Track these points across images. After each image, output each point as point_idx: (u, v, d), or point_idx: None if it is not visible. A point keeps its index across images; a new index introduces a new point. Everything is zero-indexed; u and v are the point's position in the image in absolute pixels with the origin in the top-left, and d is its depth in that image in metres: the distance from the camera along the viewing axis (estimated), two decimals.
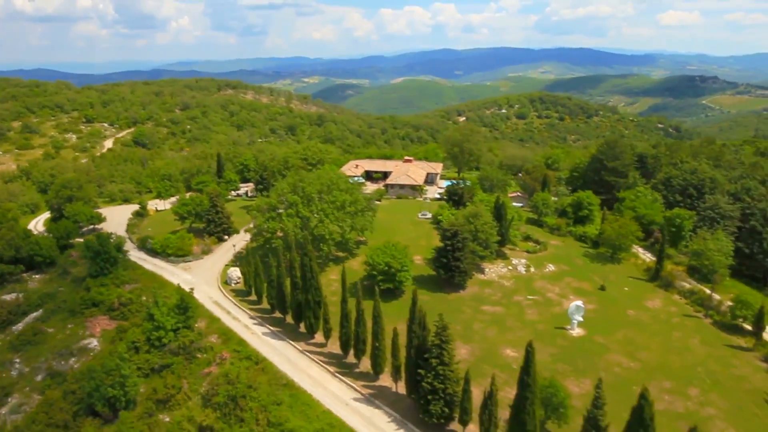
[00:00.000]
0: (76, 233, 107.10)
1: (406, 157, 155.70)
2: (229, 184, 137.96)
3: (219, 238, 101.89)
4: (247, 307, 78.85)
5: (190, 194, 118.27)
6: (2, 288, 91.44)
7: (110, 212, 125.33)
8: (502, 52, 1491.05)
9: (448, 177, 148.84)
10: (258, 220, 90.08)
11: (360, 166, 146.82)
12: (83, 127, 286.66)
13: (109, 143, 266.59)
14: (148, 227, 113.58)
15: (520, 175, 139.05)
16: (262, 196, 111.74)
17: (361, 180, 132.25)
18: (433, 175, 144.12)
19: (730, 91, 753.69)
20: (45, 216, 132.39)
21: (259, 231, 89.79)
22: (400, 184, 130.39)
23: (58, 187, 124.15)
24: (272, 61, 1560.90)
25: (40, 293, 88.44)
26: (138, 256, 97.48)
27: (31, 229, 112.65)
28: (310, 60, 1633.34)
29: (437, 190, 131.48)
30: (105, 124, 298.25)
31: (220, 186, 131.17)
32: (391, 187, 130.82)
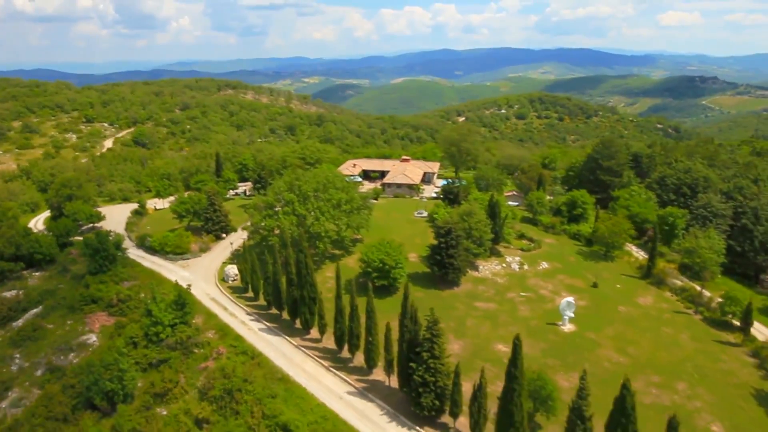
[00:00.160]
0: (75, 231, 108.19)
1: (404, 157, 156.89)
2: (228, 183, 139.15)
3: (217, 236, 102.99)
4: (244, 303, 79.96)
5: (188, 193, 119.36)
6: (3, 285, 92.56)
7: (109, 211, 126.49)
8: (502, 53, 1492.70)
9: (446, 176, 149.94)
10: (255, 217, 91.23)
11: (357, 166, 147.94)
12: (83, 126, 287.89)
13: (109, 143, 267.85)
14: (147, 225, 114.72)
15: (516, 174, 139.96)
16: (259, 195, 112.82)
17: (358, 179, 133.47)
18: (430, 175, 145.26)
19: (730, 91, 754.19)
20: (45, 215, 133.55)
21: (255, 229, 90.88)
22: (397, 183, 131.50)
23: (58, 186, 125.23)
24: (272, 62, 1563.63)
25: (40, 290, 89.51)
26: (137, 254, 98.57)
27: (31, 228, 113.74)
28: (311, 60, 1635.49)
29: (434, 189, 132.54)
30: (105, 124, 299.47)
31: (219, 185, 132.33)
32: (388, 186, 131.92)
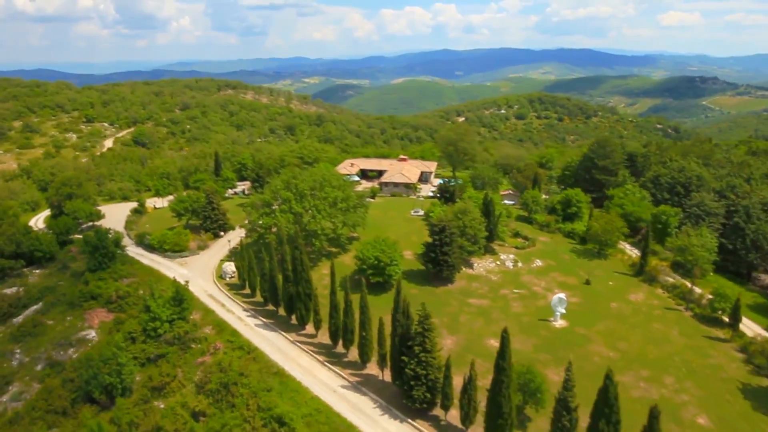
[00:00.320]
0: (75, 230, 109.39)
1: (401, 156, 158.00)
2: (226, 182, 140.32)
3: (215, 234, 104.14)
4: (241, 300, 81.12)
5: (187, 192, 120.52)
6: (3, 282, 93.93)
7: (109, 210, 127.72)
8: (503, 53, 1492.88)
9: (444, 176, 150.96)
10: (252, 215, 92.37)
11: (355, 165, 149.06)
12: (83, 126, 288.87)
13: (109, 143, 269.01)
14: (146, 224, 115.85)
15: (512, 173, 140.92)
16: (257, 193, 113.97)
17: (355, 178, 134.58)
18: (427, 174, 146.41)
19: (730, 92, 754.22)
20: (45, 214, 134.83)
21: (253, 226, 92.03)
22: (395, 182, 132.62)
23: (58, 184, 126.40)
24: (273, 62, 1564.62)
25: (40, 287, 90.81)
26: (136, 252, 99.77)
27: (32, 226, 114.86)
28: (311, 60, 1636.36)
29: (431, 188, 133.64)
30: (105, 124, 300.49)
31: (217, 184, 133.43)
32: (386, 185, 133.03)
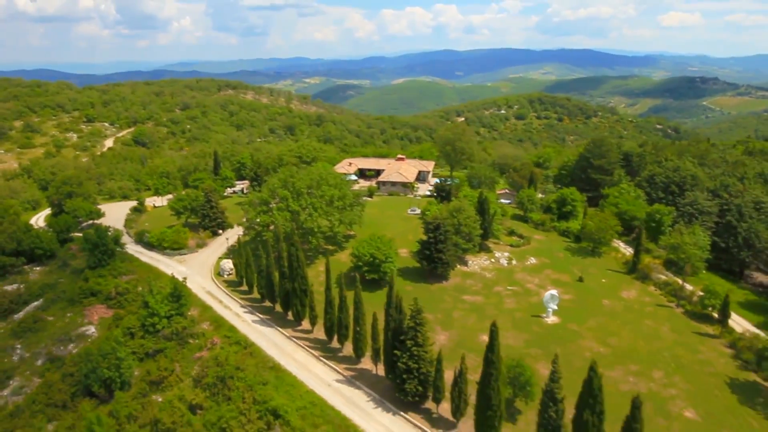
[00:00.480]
0: (75, 228, 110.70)
1: (399, 156, 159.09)
2: (225, 181, 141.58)
3: (213, 232, 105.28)
4: (239, 296, 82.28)
5: (186, 191, 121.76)
6: (4, 279, 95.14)
7: (109, 208, 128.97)
8: (504, 53, 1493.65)
9: (441, 175, 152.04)
10: (249, 213, 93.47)
11: (353, 164, 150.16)
12: (84, 126, 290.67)
13: (109, 142, 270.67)
14: (146, 222, 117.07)
15: (508, 173, 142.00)
16: (255, 192, 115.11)
17: (353, 177, 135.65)
18: (424, 173, 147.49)
19: (730, 92, 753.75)
20: (46, 212, 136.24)
21: (250, 224, 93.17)
22: (392, 181, 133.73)
23: (58, 183, 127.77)
24: (273, 62, 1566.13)
25: (41, 284, 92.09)
26: (135, 250, 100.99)
27: (32, 225, 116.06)
28: (312, 60, 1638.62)
29: (428, 188, 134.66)
30: (105, 124, 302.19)
31: (216, 183, 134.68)
32: (383, 184, 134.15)
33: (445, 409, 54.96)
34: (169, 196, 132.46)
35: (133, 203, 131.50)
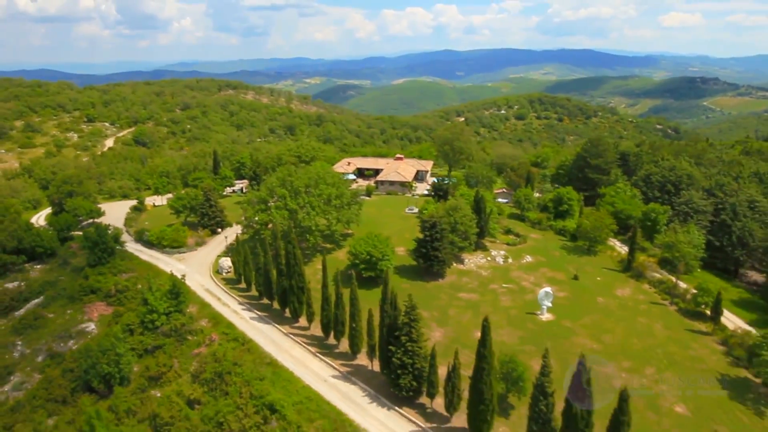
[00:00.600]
0: (75, 226, 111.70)
1: (398, 155, 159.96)
2: (224, 180, 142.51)
3: (212, 230, 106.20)
4: (237, 294, 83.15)
5: (185, 190, 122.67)
6: (5, 277, 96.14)
7: (109, 207, 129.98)
8: (504, 54, 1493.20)
9: (440, 174, 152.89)
10: (248, 212, 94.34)
11: (352, 164, 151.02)
12: (85, 126, 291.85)
13: (109, 142, 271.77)
14: (145, 221, 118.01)
15: (506, 172, 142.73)
16: (253, 191, 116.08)
17: (351, 177, 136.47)
18: (423, 173, 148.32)
19: (731, 92, 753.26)
20: (46, 212, 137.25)
21: (249, 223, 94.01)
22: (390, 180, 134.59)
23: (59, 182, 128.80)
24: (274, 62, 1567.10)
25: (41, 281, 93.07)
26: (135, 248, 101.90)
27: (33, 223, 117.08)
28: (312, 61, 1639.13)
29: (426, 187, 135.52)
30: (106, 124, 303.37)
31: (216, 182, 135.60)
32: (381, 183, 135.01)
33: (439, 404, 55.75)
34: (169, 195, 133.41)
35: (133, 202, 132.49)
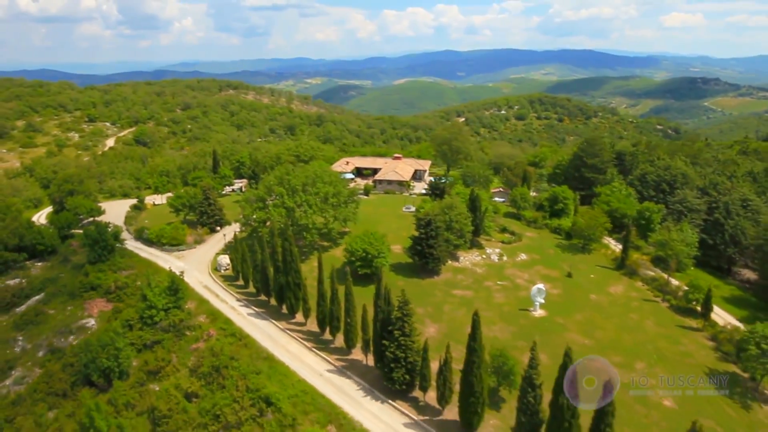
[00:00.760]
0: (76, 224, 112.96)
1: (396, 155, 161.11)
2: (224, 179, 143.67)
3: (211, 228, 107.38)
4: (235, 290, 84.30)
5: (185, 189, 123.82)
6: (7, 274, 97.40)
7: (110, 206, 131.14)
8: (505, 54, 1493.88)
9: (438, 174, 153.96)
10: (246, 210, 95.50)
11: (351, 163, 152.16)
12: (86, 126, 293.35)
13: (110, 142, 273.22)
14: (145, 219, 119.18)
15: (503, 171, 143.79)
16: (251, 189, 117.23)
17: (349, 176, 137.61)
18: (421, 172, 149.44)
19: (732, 93, 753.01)
20: (47, 210, 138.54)
21: (247, 221, 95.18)
22: (388, 179, 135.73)
23: (60, 181, 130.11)
24: (275, 62, 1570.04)
25: (42, 278, 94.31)
26: (135, 246, 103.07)
27: (34, 222, 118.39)
28: (313, 61, 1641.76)
29: (424, 186, 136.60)
30: (107, 123, 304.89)
31: (215, 181, 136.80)
32: (379, 182, 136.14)
33: (431, 397, 56.80)
34: (169, 194, 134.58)
35: (133, 201, 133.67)
